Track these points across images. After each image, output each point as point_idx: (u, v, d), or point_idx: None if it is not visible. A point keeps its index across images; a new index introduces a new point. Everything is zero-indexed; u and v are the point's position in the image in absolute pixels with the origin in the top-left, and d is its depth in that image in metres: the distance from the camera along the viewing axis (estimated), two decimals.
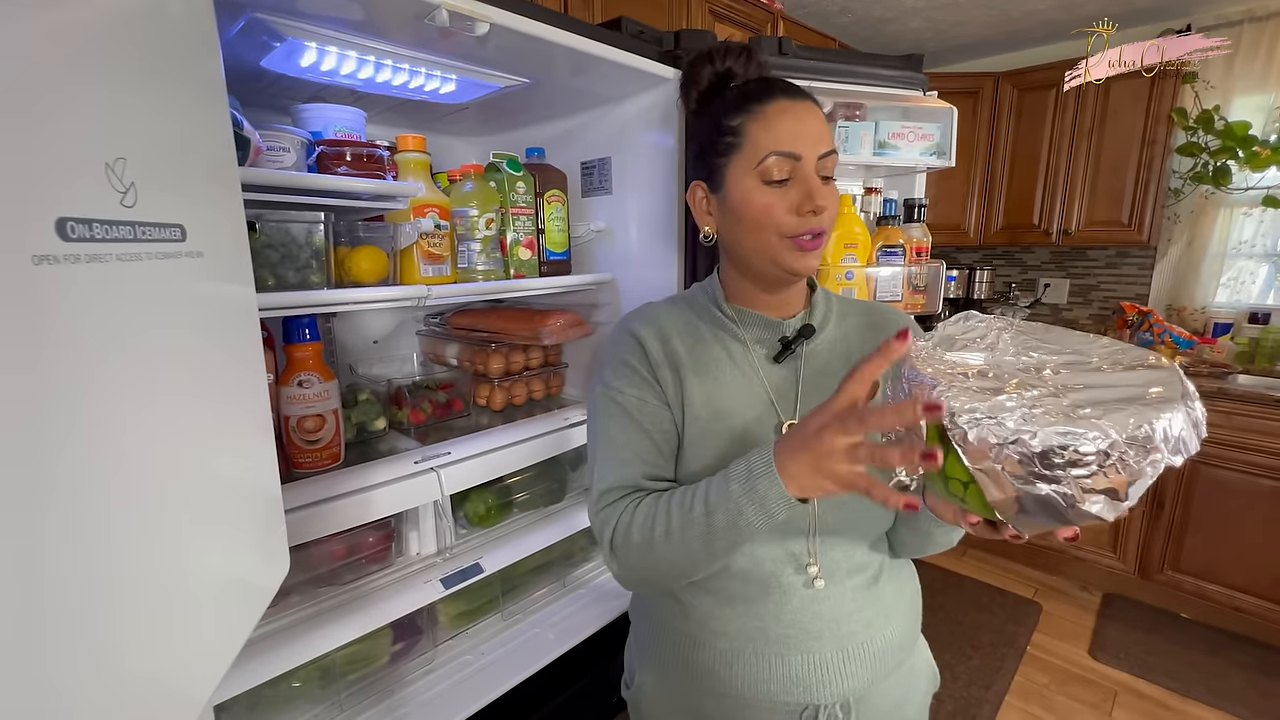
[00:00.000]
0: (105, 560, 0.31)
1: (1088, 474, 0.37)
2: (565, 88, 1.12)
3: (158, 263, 0.31)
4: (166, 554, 0.36)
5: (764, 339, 0.71)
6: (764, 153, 0.63)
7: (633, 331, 0.72)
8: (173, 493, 0.36)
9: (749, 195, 0.64)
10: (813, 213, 0.63)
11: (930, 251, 1.18)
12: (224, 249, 0.39)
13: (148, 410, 0.33)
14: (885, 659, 0.69)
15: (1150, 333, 2.40)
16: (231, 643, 0.44)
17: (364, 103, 1.10)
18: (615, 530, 0.63)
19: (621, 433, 0.69)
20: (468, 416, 1.27)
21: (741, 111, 0.65)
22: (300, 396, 0.93)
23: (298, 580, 0.93)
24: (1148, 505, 2.27)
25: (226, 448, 0.41)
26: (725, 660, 0.68)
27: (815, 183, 0.63)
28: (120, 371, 0.30)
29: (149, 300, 0.31)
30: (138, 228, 0.29)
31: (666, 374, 0.69)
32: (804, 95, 0.65)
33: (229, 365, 0.41)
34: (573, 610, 1.23)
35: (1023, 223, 2.74)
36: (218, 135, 0.40)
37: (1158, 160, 2.39)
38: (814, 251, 0.65)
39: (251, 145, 0.77)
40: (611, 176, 1.27)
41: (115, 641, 0.32)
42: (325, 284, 0.89)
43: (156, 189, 0.31)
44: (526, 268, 1.19)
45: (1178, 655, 2.07)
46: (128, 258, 0.28)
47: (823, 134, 0.64)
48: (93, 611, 0.31)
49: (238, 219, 0.42)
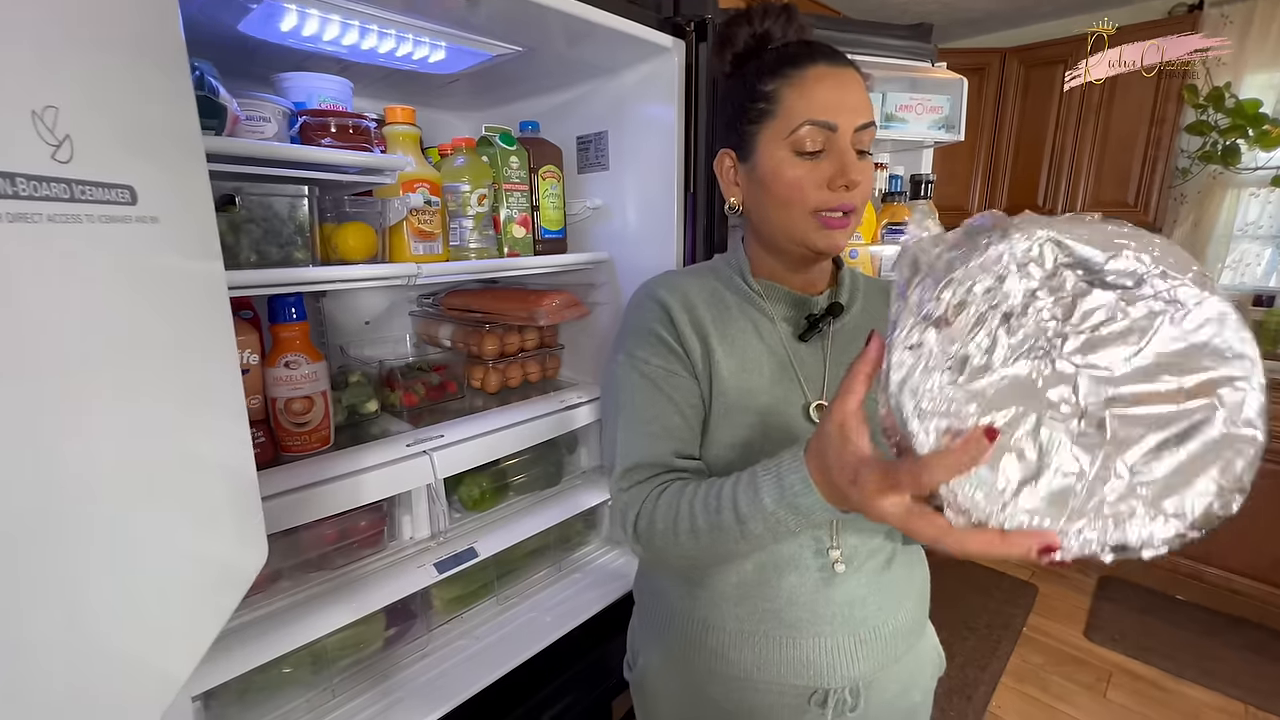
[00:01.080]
0: (64, 545, 0.29)
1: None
2: (560, 57, 1.08)
3: (102, 226, 0.28)
4: (131, 538, 0.33)
5: (791, 316, 0.69)
6: (798, 121, 0.59)
7: (657, 298, 0.69)
8: (132, 478, 0.33)
9: (779, 166, 0.61)
10: (845, 188, 0.60)
11: None
12: (184, 215, 0.36)
13: (99, 387, 0.30)
14: (895, 644, 0.68)
15: None
16: (207, 626, 0.42)
17: (351, 73, 1.05)
18: (639, 516, 0.61)
19: (649, 406, 0.65)
20: (462, 399, 1.24)
21: (777, 76, 0.61)
22: (287, 378, 0.90)
23: (288, 564, 0.91)
24: None
25: (193, 429, 0.39)
26: (735, 643, 0.66)
27: (850, 156, 0.60)
28: (63, 340, 0.27)
29: (94, 266, 0.28)
30: (74, 186, 0.26)
31: (694, 343, 0.66)
32: (845, 61, 0.62)
33: (193, 341, 0.38)
34: (570, 594, 1.21)
35: (1027, 203, 2.69)
36: (176, 93, 0.37)
37: (1166, 139, 2.34)
38: (842, 230, 0.62)
39: (228, 113, 0.73)
40: (609, 151, 1.23)
41: (86, 619, 0.30)
42: (310, 261, 0.86)
43: (99, 146, 0.28)
44: (521, 246, 1.16)
45: (1173, 637, 2.08)
46: (62, 219, 0.25)
47: (862, 104, 0.61)
48: (59, 591, 0.28)
49: (201, 185, 0.39)
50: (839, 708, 0.66)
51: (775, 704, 0.67)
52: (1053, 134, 2.57)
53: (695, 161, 1.10)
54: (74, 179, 0.26)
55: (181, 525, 0.38)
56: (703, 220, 1.12)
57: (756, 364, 0.66)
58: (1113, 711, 1.78)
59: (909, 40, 1.10)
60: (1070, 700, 1.83)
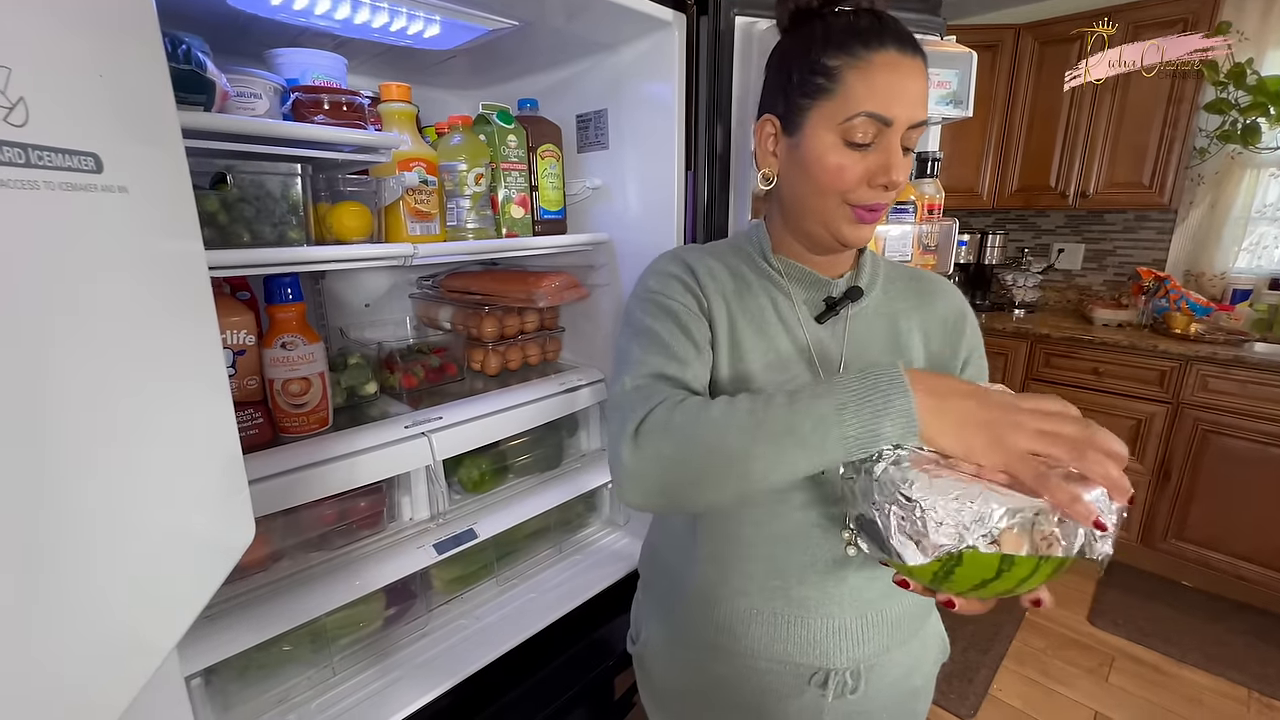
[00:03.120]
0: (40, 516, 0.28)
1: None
2: (558, 32, 1.05)
3: (64, 194, 0.27)
4: (107, 509, 0.33)
5: (809, 297, 0.68)
6: (855, 110, 0.55)
7: (682, 258, 0.69)
8: (104, 451, 0.33)
9: (825, 152, 0.58)
10: (884, 187, 0.58)
11: (943, 210, 1.13)
12: (156, 186, 0.35)
13: (69, 359, 0.29)
14: (901, 627, 0.67)
15: (1166, 299, 2.33)
16: (192, 599, 0.42)
17: (345, 49, 1.03)
18: (651, 413, 0.53)
19: (668, 333, 0.61)
20: (461, 381, 1.24)
21: (844, 52, 0.56)
22: (284, 359, 0.90)
23: (288, 544, 0.92)
24: (1154, 475, 2.25)
25: (170, 406, 0.38)
26: (743, 619, 0.66)
27: (898, 155, 0.57)
28: (26, 313, 0.27)
29: (55, 235, 0.27)
30: (30, 151, 0.25)
31: (719, 304, 0.65)
32: (916, 50, 0.57)
33: (169, 313, 0.37)
34: (570, 575, 1.22)
35: (1039, 184, 2.64)
36: (146, 59, 0.35)
37: (1184, 118, 2.27)
38: (870, 224, 0.62)
39: (217, 89, 0.72)
40: (608, 130, 1.21)
41: (67, 588, 0.30)
42: (305, 241, 0.85)
43: (57, 110, 0.27)
44: (519, 227, 1.14)
45: (1176, 622, 2.07)
46: (18, 184, 0.24)
47: (922, 100, 0.57)
48: (38, 558, 0.28)
49: (176, 156, 0.38)
50: (839, 689, 0.66)
51: (775, 682, 0.67)
52: (1067, 112, 2.50)
53: (696, 139, 1.08)
54: (30, 143, 0.25)
55: (162, 499, 0.38)
56: (703, 199, 1.10)
57: (772, 341, 0.65)
58: (1114, 695, 1.79)
59: (918, 12, 1.07)
60: (1071, 684, 1.83)
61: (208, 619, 0.80)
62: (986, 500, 0.42)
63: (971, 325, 0.71)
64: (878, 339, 0.67)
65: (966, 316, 0.71)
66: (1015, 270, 2.82)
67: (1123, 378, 2.27)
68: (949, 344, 0.69)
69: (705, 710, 0.74)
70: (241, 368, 0.86)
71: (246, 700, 0.86)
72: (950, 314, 0.70)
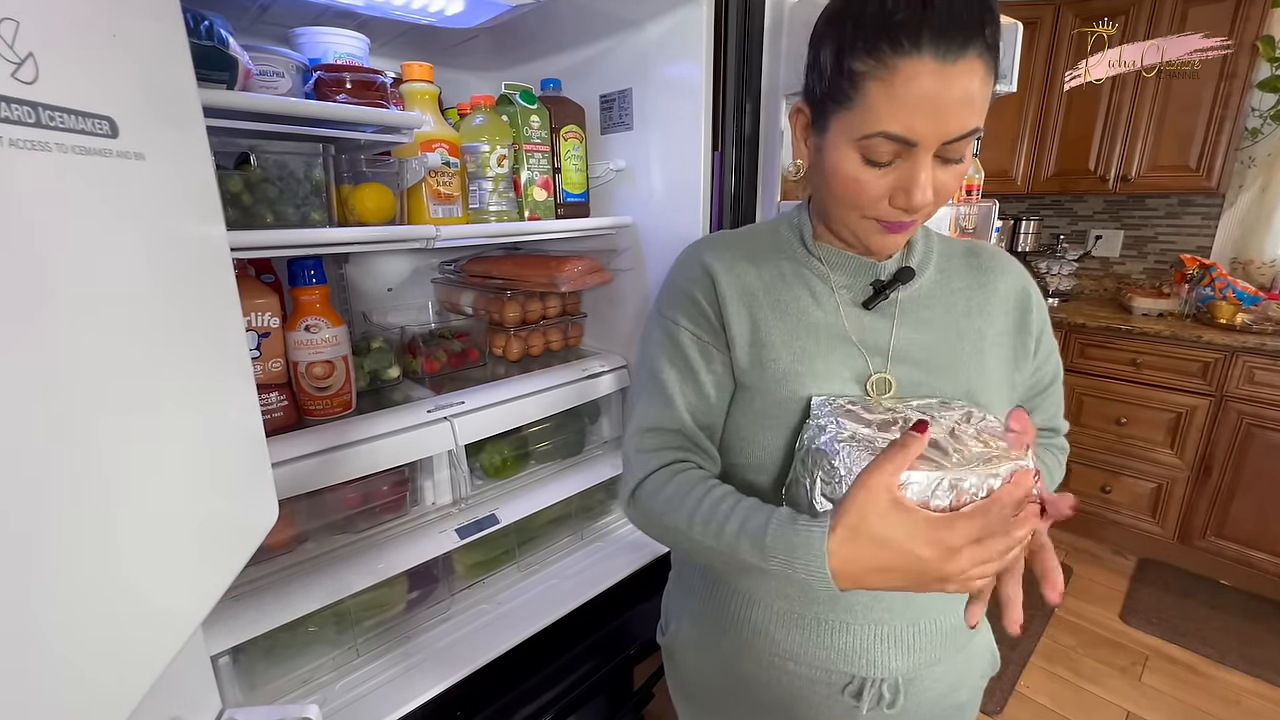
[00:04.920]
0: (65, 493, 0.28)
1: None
2: (582, 8, 1.02)
3: (76, 157, 0.26)
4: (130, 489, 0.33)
5: (852, 283, 0.63)
6: (873, 129, 0.49)
7: (702, 260, 0.64)
8: (123, 428, 0.32)
9: (841, 165, 0.53)
10: (904, 210, 0.52)
11: (981, 191, 1.08)
12: (176, 155, 0.34)
13: (85, 331, 0.28)
14: (953, 639, 0.64)
15: (1212, 287, 2.23)
16: (217, 578, 0.42)
17: (368, 29, 1.02)
18: (645, 483, 0.60)
19: (671, 370, 0.63)
20: (483, 366, 1.23)
21: (870, 55, 0.47)
22: (308, 342, 0.90)
23: (312, 527, 0.92)
24: (1193, 470, 2.17)
25: (189, 382, 0.37)
26: (783, 621, 0.63)
27: (921, 176, 0.49)
28: (39, 278, 0.26)
29: (68, 200, 0.26)
30: (41, 110, 0.24)
31: (738, 310, 0.62)
32: (968, 44, 0.45)
33: (188, 291, 0.36)
34: (591, 562, 1.21)
35: (1077, 168, 2.54)
36: (160, 25, 0.34)
37: (1235, 96, 2.16)
38: (904, 233, 0.57)
39: (240, 66, 0.71)
40: (633, 110, 1.18)
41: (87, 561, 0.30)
42: (327, 222, 0.84)
43: (70, 68, 0.26)
44: (542, 209, 1.12)
45: (1214, 621, 2.01)
46: (26, 144, 0.23)
47: (967, 110, 0.47)
48: (65, 533, 0.28)
49: (196, 128, 0.37)
50: (874, 700, 0.62)
51: (807, 688, 0.64)
52: (1109, 92, 2.39)
53: (723, 119, 1.04)
54: (40, 102, 0.24)
55: (184, 479, 0.37)
56: (730, 181, 1.07)
57: (810, 333, 0.61)
58: (1147, 695, 1.74)
59: None
60: (1102, 682, 1.78)
61: (235, 599, 0.81)
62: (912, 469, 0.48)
63: (1037, 301, 0.66)
64: (935, 325, 0.62)
65: (1031, 292, 0.66)
66: (1050, 258, 2.73)
67: (1163, 369, 2.19)
68: (1017, 325, 0.64)
69: (734, 707, 0.71)
70: (266, 350, 0.86)
71: (272, 680, 0.87)
72: (1013, 291, 0.65)
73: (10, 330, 0.24)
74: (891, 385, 0.60)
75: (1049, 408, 0.71)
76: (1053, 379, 0.69)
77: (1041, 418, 0.70)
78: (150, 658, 0.35)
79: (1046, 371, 0.68)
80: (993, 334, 0.63)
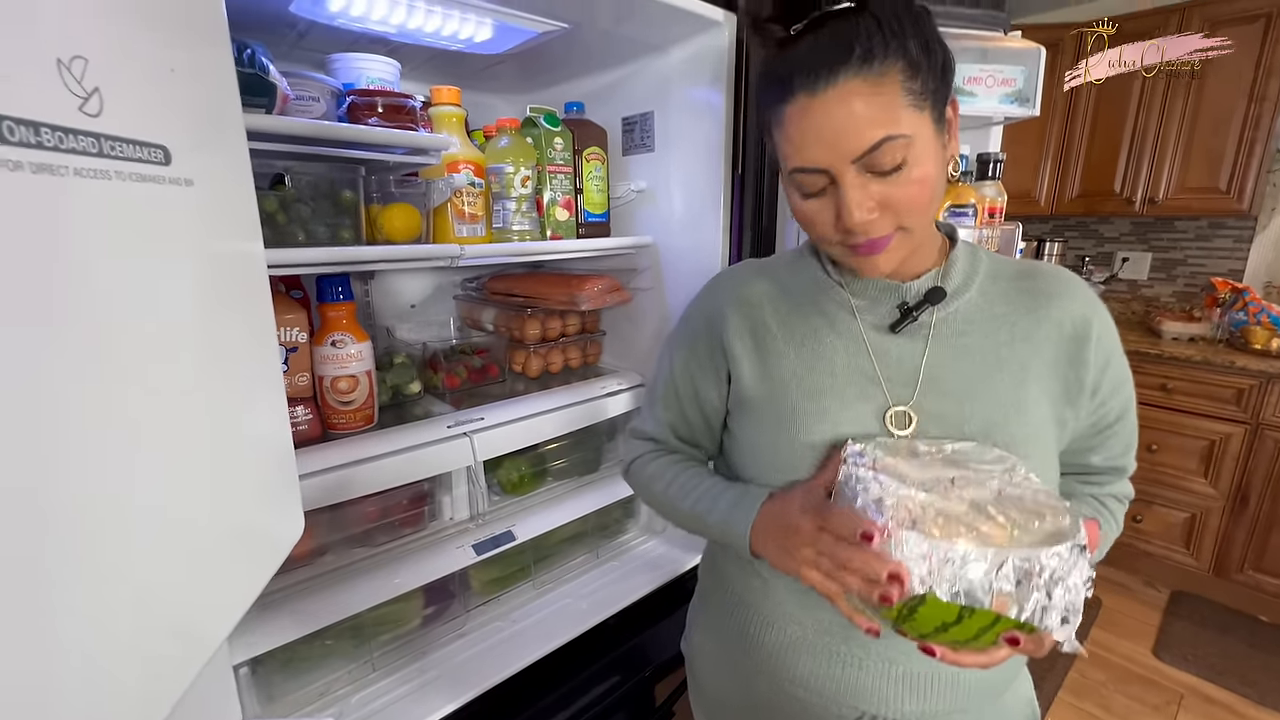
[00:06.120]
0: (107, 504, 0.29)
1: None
2: (606, 34, 1.05)
3: (133, 185, 0.27)
4: (168, 500, 0.33)
5: (875, 307, 0.61)
6: (789, 168, 0.53)
7: (717, 291, 0.68)
8: (166, 441, 0.33)
9: (792, 201, 0.56)
10: (847, 232, 0.52)
11: (1004, 214, 1.07)
12: (221, 180, 0.35)
13: (132, 348, 0.30)
14: (977, 691, 0.60)
15: (1245, 312, 2.17)
16: (245, 590, 0.43)
17: (399, 55, 1.06)
18: (635, 462, 0.73)
19: (665, 388, 0.72)
20: (503, 383, 1.24)
21: (766, 107, 0.53)
22: (334, 357, 0.92)
23: (333, 539, 0.93)
24: (1229, 500, 2.09)
25: (226, 398, 0.38)
26: (795, 647, 0.62)
27: (850, 195, 0.50)
28: (92, 302, 0.27)
29: (124, 223, 0.28)
30: (104, 140, 0.26)
31: (745, 342, 0.63)
32: (835, 73, 0.47)
33: (230, 311, 0.38)
34: (607, 581, 1.20)
35: (1102, 190, 2.50)
36: (214, 58, 0.36)
37: (1266, 118, 2.12)
38: (878, 254, 0.54)
39: (278, 92, 0.74)
40: (654, 133, 1.20)
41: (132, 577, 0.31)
42: (356, 240, 0.86)
43: (130, 101, 0.28)
44: (564, 229, 1.14)
45: (1253, 659, 1.92)
46: (90, 173, 0.25)
47: (861, 126, 0.48)
48: (103, 549, 0.29)
49: (239, 152, 0.38)
50: None
51: (819, 717, 0.63)
52: (1135, 114, 2.37)
53: (744, 142, 1.06)
54: (103, 133, 0.26)
55: (218, 491, 0.38)
56: (750, 203, 1.08)
57: (825, 368, 0.59)
58: None
59: (981, 9, 1.02)
60: None
61: (255, 609, 0.81)
62: (957, 546, 0.43)
63: (1101, 331, 0.58)
64: (972, 352, 0.58)
65: (1093, 321, 0.58)
66: None
67: (1195, 395, 2.13)
68: (1070, 357, 0.58)
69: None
70: (293, 364, 0.88)
71: (290, 692, 0.87)
72: (1070, 319, 0.58)
73: (63, 350, 0.25)
74: (912, 420, 0.57)
75: (1112, 446, 0.63)
76: (1119, 415, 0.62)
77: (1102, 457, 0.64)
78: (179, 671, 0.36)
79: (1112, 408, 0.61)
80: (1038, 365, 0.57)
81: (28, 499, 0.25)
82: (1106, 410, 0.61)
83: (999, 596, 0.43)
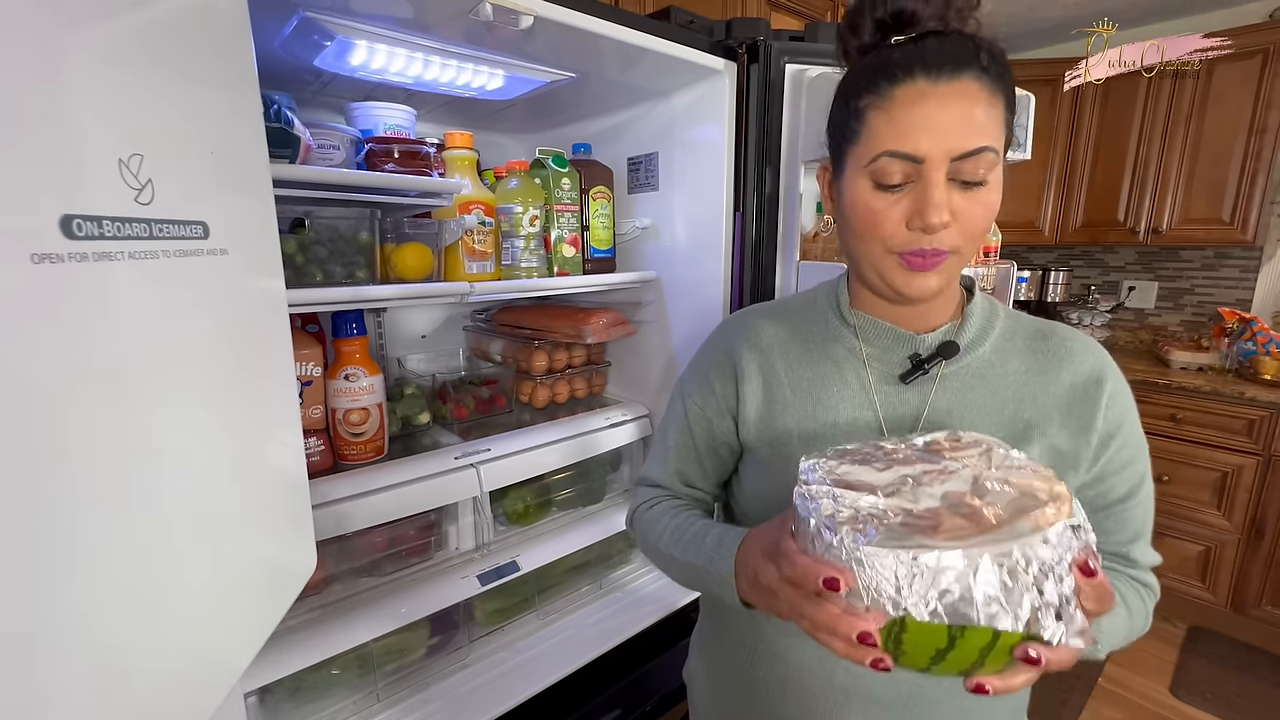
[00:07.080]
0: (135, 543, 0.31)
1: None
2: (612, 82, 1.10)
3: (176, 261, 0.30)
4: (192, 538, 0.36)
5: (888, 356, 0.60)
6: (876, 151, 0.51)
7: (726, 337, 0.69)
8: (198, 481, 0.36)
9: (857, 197, 0.54)
10: (923, 230, 0.51)
11: (999, 252, 1.10)
12: (251, 245, 0.39)
13: (170, 403, 0.33)
14: None
15: (1254, 342, 2.17)
16: (263, 622, 0.45)
17: (415, 100, 1.11)
18: (636, 510, 0.72)
19: (674, 434, 0.72)
20: (510, 413, 1.27)
21: (869, 90, 0.51)
22: (346, 390, 0.95)
23: (341, 569, 0.95)
24: (1244, 533, 2.06)
25: (254, 438, 0.41)
26: (781, 686, 0.63)
27: (935, 193, 0.49)
28: (138, 365, 0.30)
29: (168, 295, 0.31)
30: (154, 225, 0.29)
31: (754, 388, 0.64)
32: (960, 70, 0.49)
33: (256, 357, 0.41)
34: (610, 613, 1.21)
35: (1106, 220, 2.53)
36: (247, 131, 0.40)
37: (1268, 150, 2.14)
38: (930, 272, 0.53)
39: (301, 143, 0.78)
40: (659, 172, 1.24)
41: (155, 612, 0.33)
42: (371, 280, 0.90)
43: (176, 186, 0.31)
44: (570, 265, 1.18)
45: (1276, 699, 1.87)
46: (142, 255, 0.28)
47: (971, 127, 0.49)
48: (127, 584, 0.31)
49: (267, 216, 0.42)
50: None
51: None
52: (1136, 145, 2.40)
53: (745, 182, 1.09)
54: (153, 219, 0.29)
55: (241, 526, 0.41)
56: (751, 240, 1.11)
57: (830, 413, 0.60)
58: None
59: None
60: None
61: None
62: (926, 554, 0.36)
63: (1113, 396, 0.57)
64: (976, 407, 0.57)
65: (1104, 384, 0.57)
66: (1081, 309, 2.69)
67: (1205, 425, 2.11)
68: (1077, 419, 0.56)
69: None
70: (308, 398, 0.92)
71: None
72: (1082, 380, 0.57)
73: (117, 406, 0.28)
74: None
75: (1114, 530, 0.59)
76: (1125, 495, 0.58)
77: (1106, 540, 0.59)
78: (207, 697, 0.38)
79: (1114, 485, 0.57)
80: (1045, 425, 0.56)
81: (77, 543, 0.28)
82: (1109, 487, 0.58)
83: (986, 606, 0.36)
